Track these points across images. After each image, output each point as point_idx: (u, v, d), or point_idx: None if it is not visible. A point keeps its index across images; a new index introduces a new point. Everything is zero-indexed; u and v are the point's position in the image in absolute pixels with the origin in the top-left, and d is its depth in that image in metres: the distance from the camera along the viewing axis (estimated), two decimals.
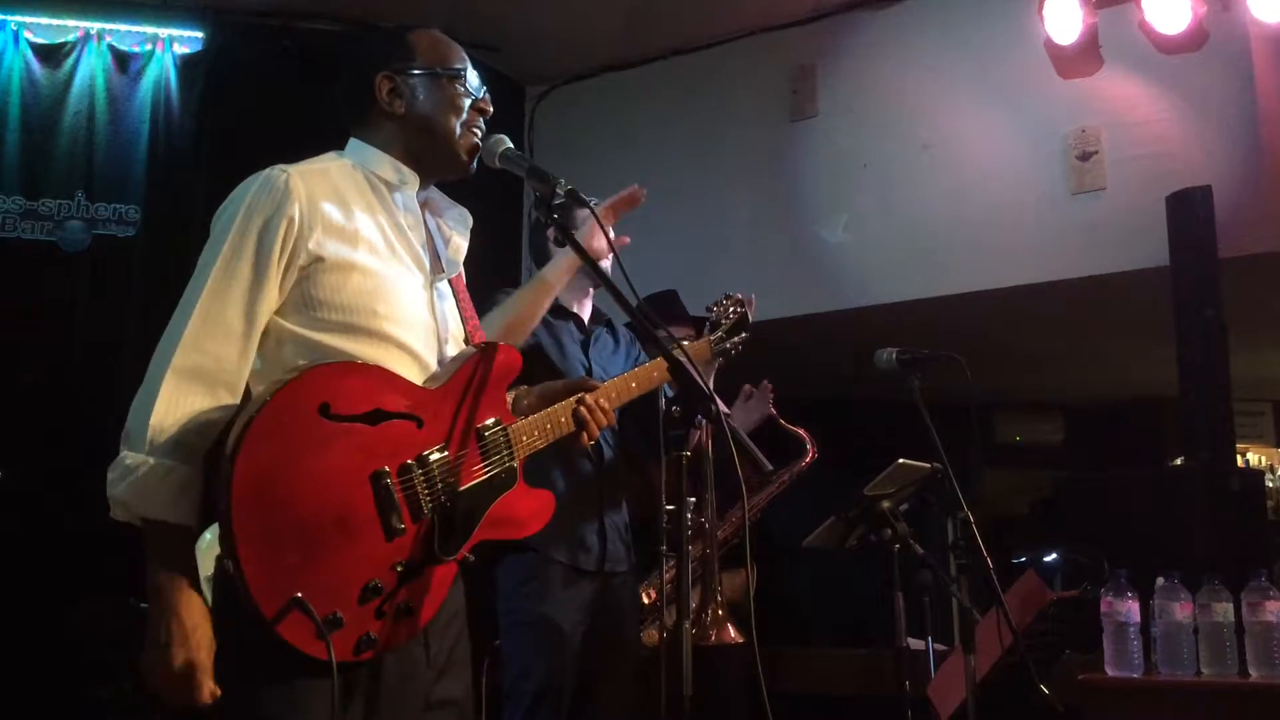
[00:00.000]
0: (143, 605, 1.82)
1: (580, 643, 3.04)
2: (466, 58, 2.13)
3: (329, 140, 2.15)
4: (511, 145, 2.10)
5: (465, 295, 2.16)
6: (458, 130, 2.05)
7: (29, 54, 4.95)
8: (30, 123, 4.89)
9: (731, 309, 2.87)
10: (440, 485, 1.89)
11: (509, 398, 2.13)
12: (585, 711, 3.04)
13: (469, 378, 1.99)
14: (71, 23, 5.02)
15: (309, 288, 1.88)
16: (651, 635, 3.24)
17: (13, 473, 3.79)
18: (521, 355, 2.10)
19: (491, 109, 2.12)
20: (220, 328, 1.82)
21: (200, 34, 5.11)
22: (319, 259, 1.88)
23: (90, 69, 5.00)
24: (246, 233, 1.86)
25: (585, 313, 3.29)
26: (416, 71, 2.05)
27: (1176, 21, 4.55)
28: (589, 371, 3.21)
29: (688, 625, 2.01)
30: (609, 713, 3.09)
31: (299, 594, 1.70)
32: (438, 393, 1.94)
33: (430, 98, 2.05)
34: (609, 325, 3.33)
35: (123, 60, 5.05)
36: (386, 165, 2.04)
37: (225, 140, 4.96)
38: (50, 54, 4.99)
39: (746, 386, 3.74)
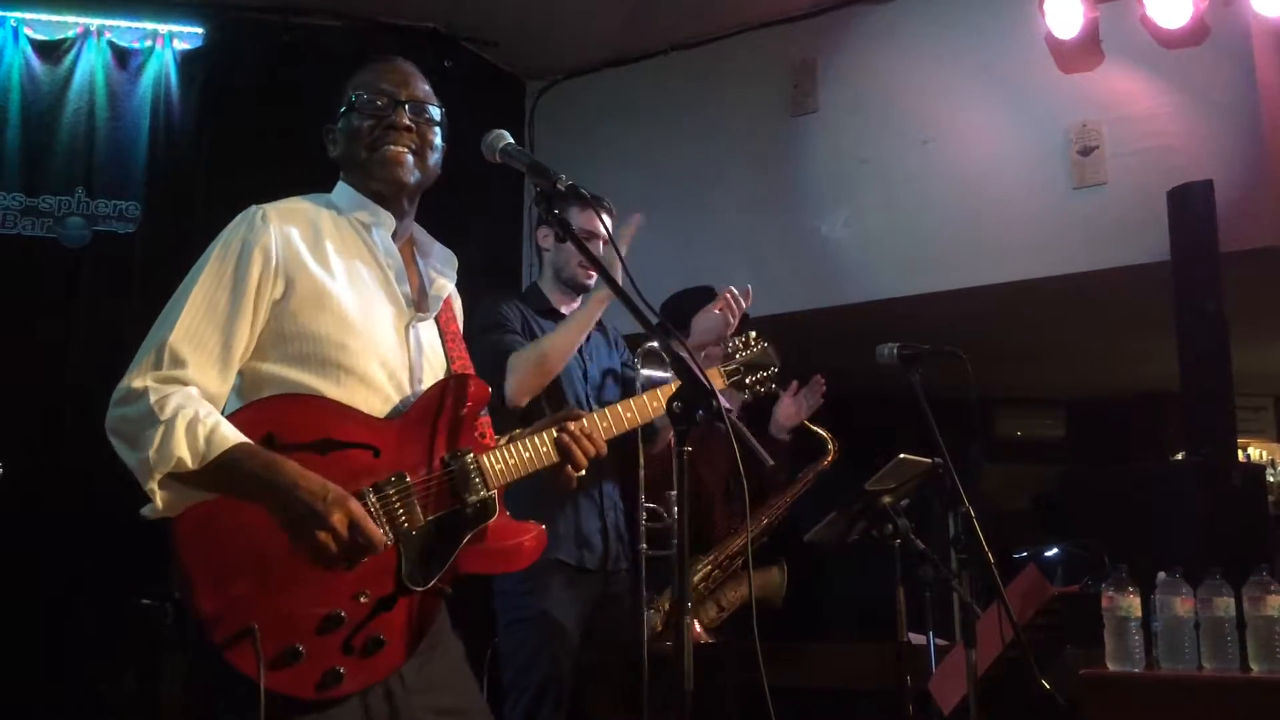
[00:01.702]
0: (144, 602, 1.83)
1: (580, 639, 3.04)
2: (385, 73, 2.10)
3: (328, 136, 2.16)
4: (512, 140, 2.09)
5: (454, 334, 2.16)
6: (363, 157, 2.06)
7: (29, 50, 4.94)
8: (30, 119, 4.88)
9: (751, 344, 2.79)
10: (401, 513, 1.87)
11: (493, 433, 2.10)
12: (585, 707, 3.05)
13: (434, 408, 1.97)
14: (71, 19, 5.01)
15: (282, 323, 1.90)
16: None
17: (12, 469, 3.79)
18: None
19: (397, 113, 2.06)
20: (201, 351, 1.83)
21: (200, 30, 5.10)
22: (290, 293, 1.90)
23: (90, 65, 4.99)
24: (224, 263, 1.88)
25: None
26: (339, 115, 2.10)
27: (1178, 15, 4.54)
28: (585, 371, 3.22)
29: (688, 620, 2.01)
30: (609, 709, 3.10)
31: (253, 624, 1.70)
32: (398, 423, 1.93)
33: (344, 136, 2.09)
34: (599, 325, 3.33)
35: (122, 56, 5.05)
36: (363, 208, 2.07)
37: (225, 136, 4.96)
38: (50, 50, 4.98)
39: (794, 382, 3.76)
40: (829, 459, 3.75)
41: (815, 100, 5.43)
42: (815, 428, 3.79)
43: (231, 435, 1.75)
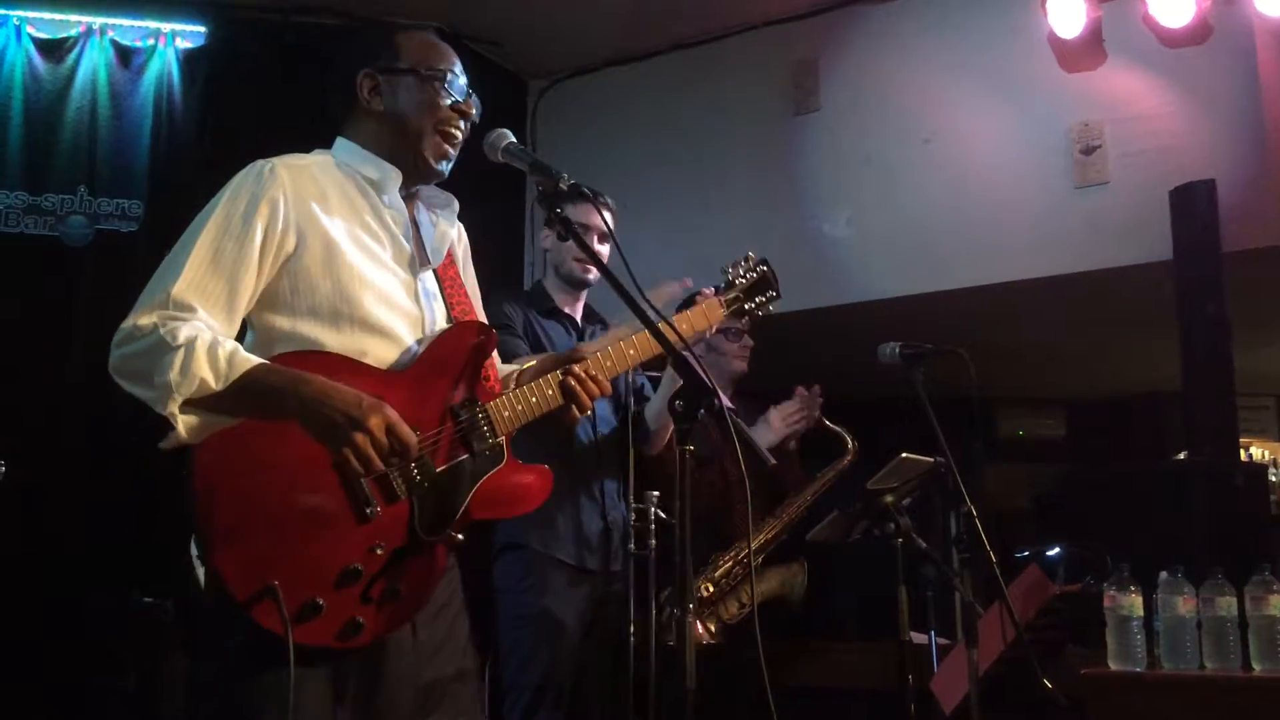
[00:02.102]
0: (146, 600, 1.84)
1: (581, 638, 3.04)
2: (455, 60, 2.12)
3: (330, 134, 2.15)
4: (514, 140, 2.09)
5: (455, 283, 2.17)
6: (429, 131, 2.06)
7: (31, 49, 4.94)
8: (33, 118, 4.88)
9: (752, 270, 2.74)
10: (414, 465, 1.88)
11: (498, 375, 2.12)
12: (585, 706, 3.05)
13: (440, 357, 1.99)
14: (74, 18, 5.01)
15: (296, 279, 1.91)
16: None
17: (14, 468, 3.79)
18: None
19: (474, 111, 2.11)
20: (207, 298, 1.83)
21: (202, 29, 5.10)
22: (302, 248, 1.90)
23: (93, 64, 4.99)
24: (232, 211, 1.89)
25: (578, 313, 3.31)
26: (398, 70, 2.07)
27: (1180, 15, 4.53)
28: None
29: (690, 620, 2.01)
30: (609, 708, 3.10)
31: (274, 581, 1.71)
32: (407, 375, 1.94)
33: (408, 97, 2.07)
34: (603, 324, 3.33)
35: (125, 55, 5.04)
36: (369, 164, 2.06)
37: (228, 135, 4.95)
38: (53, 49, 4.98)
39: (799, 388, 3.75)
40: (849, 458, 3.74)
41: (817, 99, 5.42)
42: (834, 427, 3.79)
43: (252, 357, 1.77)
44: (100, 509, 4.33)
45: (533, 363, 2.21)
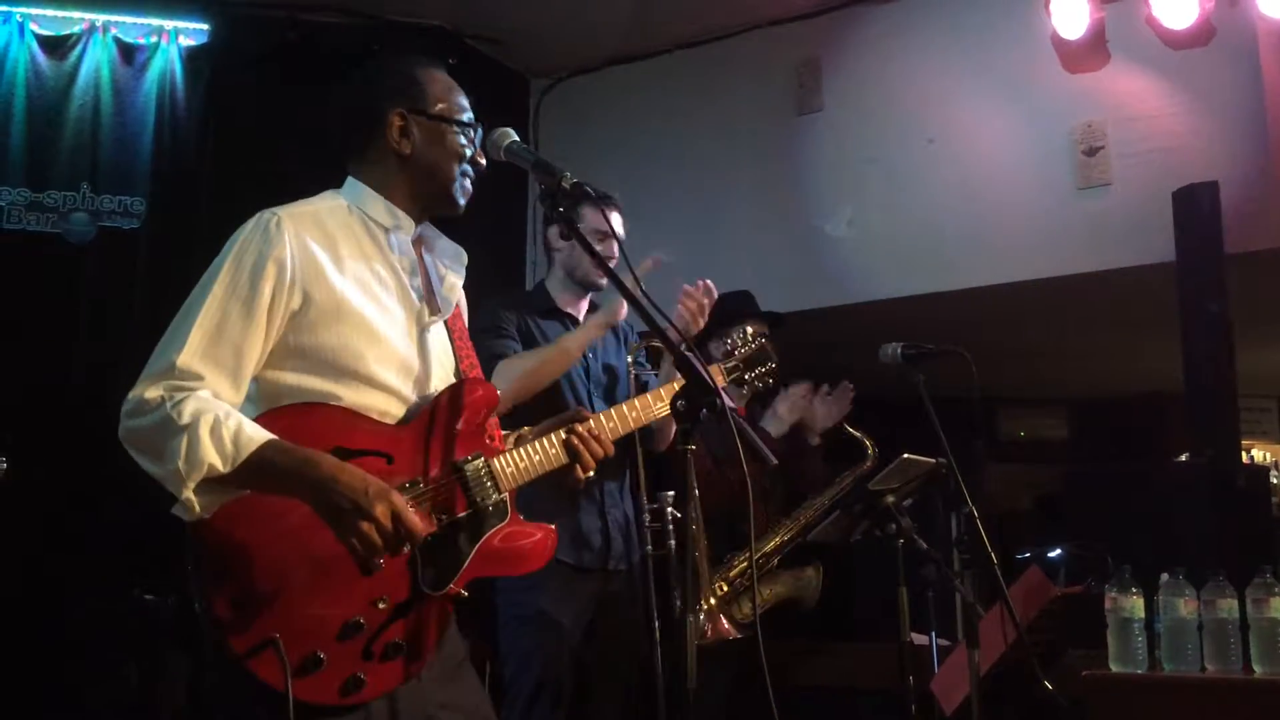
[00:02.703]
0: (147, 597, 1.83)
1: (580, 638, 3.04)
2: (467, 104, 2.12)
3: (333, 134, 2.14)
4: (517, 139, 2.09)
5: (462, 334, 2.17)
6: (457, 176, 2.07)
7: (34, 46, 4.95)
8: (35, 114, 4.89)
9: (750, 342, 2.81)
10: None
11: (501, 435, 2.12)
12: (585, 707, 3.05)
13: (445, 413, 1.98)
14: (76, 14, 5.02)
15: (300, 335, 1.89)
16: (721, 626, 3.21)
17: (15, 465, 3.79)
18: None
19: (484, 163, 2.11)
20: (215, 366, 1.81)
21: (205, 26, 5.10)
22: (308, 305, 1.88)
23: (95, 61, 4.99)
24: (238, 273, 1.85)
25: (581, 311, 3.30)
26: (430, 115, 2.05)
27: (1184, 16, 4.53)
28: (586, 369, 3.22)
29: (691, 618, 2.01)
30: (609, 708, 3.10)
31: (275, 635, 1.70)
32: (409, 429, 1.94)
33: (439, 144, 2.05)
34: None
35: (128, 52, 5.05)
36: (380, 208, 2.05)
37: (230, 132, 4.96)
38: (55, 46, 4.98)
39: (824, 386, 3.78)
40: (869, 464, 3.76)
41: (820, 99, 5.42)
42: (854, 432, 3.83)
43: (257, 434, 1.75)
44: (102, 507, 4.33)
45: (527, 429, 2.20)
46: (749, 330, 2.90)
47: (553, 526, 2.09)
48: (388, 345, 1.95)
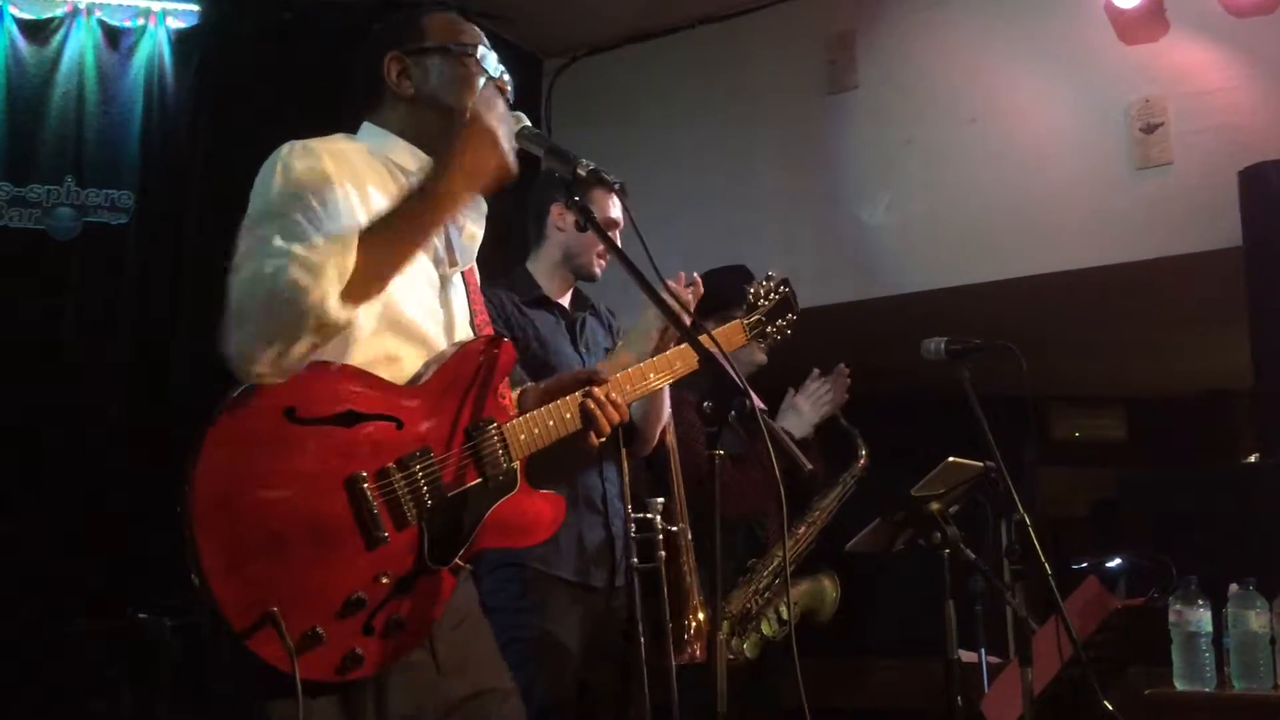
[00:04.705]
0: (140, 616, 1.85)
1: (584, 659, 3.03)
2: (483, 37, 2.14)
3: (329, 117, 2.15)
4: (529, 123, 2.10)
5: (475, 287, 2.19)
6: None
7: (14, 30, 4.97)
8: (16, 104, 4.91)
9: (773, 290, 2.83)
10: (425, 490, 1.89)
11: (513, 395, 2.13)
12: None
13: (458, 374, 1.99)
14: None
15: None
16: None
17: (1, 468, 3.83)
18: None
19: (510, 89, 2.13)
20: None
21: (195, 7, 5.12)
22: None
23: (79, 46, 5.02)
24: (287, 182, 1.87)
25: (566, 300, 3.29)
26: (425, 50, 2.08)
27: None
28: (584, 365, 3.21)
29: (721, 638, 2.01)
30: None
31: (274, 608, 1.71)
32: (422, 391, 1.95)
33: (440, 75, 2.08)
34: (592, 309, 3.32)
35: (114, 36, 5.07)
36: (404, 151, 2.07)
37: (223, 120, 4.97)
38: (37, 30, 5.01)
39: (816, 370, 3.74)
40: (862, 461, 3.73)
41: (854, 77, 5.41)
42: (847, 424, 3.78)
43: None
44: (93, 517, 4.36)
45: (532, 385, 2.21)
46: (771, 277, 2.88)
47: (561, 497, 2.10)
48: (415, 290, 1.98)
